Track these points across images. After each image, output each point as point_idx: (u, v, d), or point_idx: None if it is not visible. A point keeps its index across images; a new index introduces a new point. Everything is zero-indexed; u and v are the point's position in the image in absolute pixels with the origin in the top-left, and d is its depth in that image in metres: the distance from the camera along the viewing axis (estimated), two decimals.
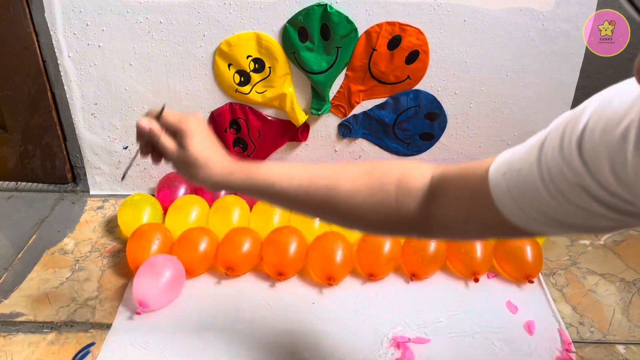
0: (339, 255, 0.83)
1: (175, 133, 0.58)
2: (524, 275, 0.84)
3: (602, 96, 0.37)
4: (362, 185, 0.51)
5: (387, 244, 0.84)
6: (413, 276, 0.85)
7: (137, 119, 1.01)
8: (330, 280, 0.83)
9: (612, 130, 0.34)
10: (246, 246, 0.85)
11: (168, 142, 0.58)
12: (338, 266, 0.83)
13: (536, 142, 0.40)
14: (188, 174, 0.59)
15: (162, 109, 0.59)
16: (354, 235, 0.90)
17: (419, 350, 0.73)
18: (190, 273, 0.85)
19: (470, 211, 0.45)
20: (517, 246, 0.85)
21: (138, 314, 0.77)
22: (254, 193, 0.57)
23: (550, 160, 0.38)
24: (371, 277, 0.84)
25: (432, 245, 0.84)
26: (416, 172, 0.50)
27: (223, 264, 0.84)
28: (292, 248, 0.84)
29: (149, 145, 0.60)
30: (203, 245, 0.85)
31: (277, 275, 0.84)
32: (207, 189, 0.60)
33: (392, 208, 0.50)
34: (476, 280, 0.83)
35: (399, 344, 0.74)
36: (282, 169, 0.56)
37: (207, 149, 0.58)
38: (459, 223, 0.47)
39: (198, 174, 0.58)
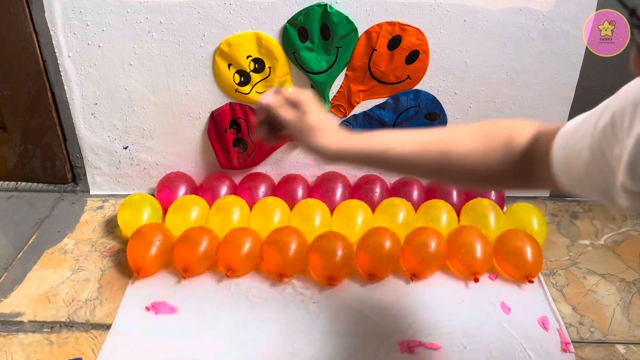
0: (339, 256, 0.83)
1: (294, 106, 0.63)
2: (524, 275, 0.84)
3: None
4: (473, 147, 0.54)
5: (387, 244, 0.84)
6: (413, 276, 0.85)
7: (137, 119, 1.01)
8: (330, 280, 0.83)
9: None
10: (246, 247, 0.85)
11: (289, 113, 0.63)
12: (338, 266, 0.83)
13: (596, 112, 0.44)
14: (307, 142, 0.62)
15: (280, 86, 0.66)
16: (353, 236, 0.90)
17: (428, 354, 0.73)
18: (191, 272, 0.85)
19: (548, 173, 0.48)
20: (518, 246, 0.85)
21: (147, 309, 0.78)
22: (368, 161, 0.60)
23: (602, 141, 0.40)
24: (371, 277, 0.84)
25: (432, 245, 0.84)
26: (521, 130, 0.53)
27: (223, 265, 0.84)
28: (293, 248, 0.84)
29: (267, 123, 0.65)
30: (204, 245, 0.85)
31: (277, 277, 0.84)
32: (323, 158, 0.62)
33: (501, 166, 0.53)
34: (476, 280, 0.83)
35: (411, 348, 0.74)
36: (395, 136, 0.58)
37: (325, 118, 0.62)
38: (548, 181, 0.49)
39: (318, 141, 0.61)
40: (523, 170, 0.52)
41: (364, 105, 0.99)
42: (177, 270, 0.86)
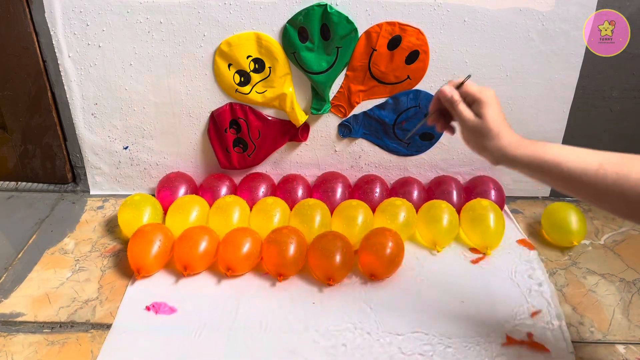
0: (338, 256, 0.83)
1: (473, 103, 0.63)
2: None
3: None
4: None
5: (390, 245, 0.84)
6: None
7: (137, 119, 1.01)
8: (330, 280, 0.83)
9: None
10: (246, 247, 0.85)
11: (465, 110, 0.63)
12: (338, 266, 0.83)
13: None
14: (477, 143, 0.63)
15: (466, 78, 0.65)
16: (354, 237, 0.90)
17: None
18: (191, 270, 0.85)
19: None
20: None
21: (147, 309, 0.79)
22: (537, 171, 0.59)
23: None
24: (372, 277, 0.84)
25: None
26: None
27: (223, 265, 0.85)
28: (292, 248, 0.84)
29: (441, 112, 0.66)
30: (203, 244, 0.85)
31: (276, 276, 0.84)
32: (491, 160, 0.63)
33: None
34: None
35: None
36: (571, 150, 0.57)
37: (501, 121, 0.62)
38: None
39: (488, 143, 0.61)
40: None
41: (364, 105, 0.99)
42: (177, 269, 0.86)
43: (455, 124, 0.70)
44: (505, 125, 0.62)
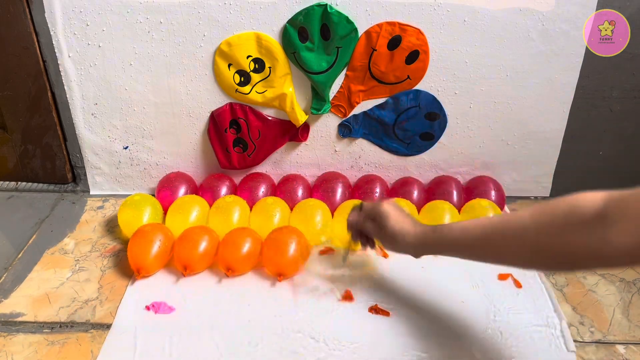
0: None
1: (374, 218, 0.73)
2: None
3: None
4: (530, 224, 0.55)
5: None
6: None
7: (137, 119, 1.01)
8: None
9: None
10: (246, 247, 0.85)
11: (370, 226, 0.74)
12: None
13: None
14: (392, 247, 0.72)
15: (361, 203, 0.77)
16: None
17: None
18: (191, 270, 0.85)
19: None
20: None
21: (147, 309, 0.79)
22: (442, 252, 0.67)
23: None
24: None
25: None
26: (585, 199, 0.51)
27: (223, 265, 0.85)
28: (292, 248, 0.84)
29: (359, 233, 0.77)
30: (204, 244, 0.85)
31: (276, 275, 0.84)
32: (413, 256, 0.71)
33: (567, 239, 0.51)
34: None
35: None
36: (459, 226, 0.64)
37: (401, 225, 0.70)
38: (632, 247, 0.46)
39: (399, 246, 0.70)
40: (596, 240, 0.48)
41: (364, 105, 0.99)
42: (177, 269, 0.86)
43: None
44: (407, 225, 0.70)
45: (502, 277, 0.86)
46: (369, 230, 0.74)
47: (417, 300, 0.82)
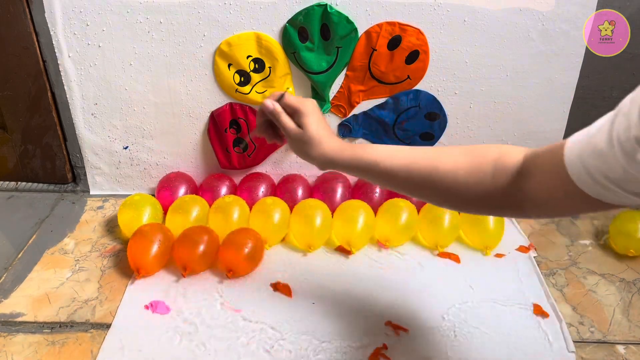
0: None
1: (294, 113, 0.67)
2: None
3: None
4: (461, 165, 0.55)
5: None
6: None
7: (137, 119, 1.01)
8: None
9: None
10: (248, 247, 0.85)
11: (288, 121, 0.67)
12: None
13: (609, 114, 0.43)
14: (302, 151, 0.66)
15: (284, 93, 0.68)
16: (354, 237, 0.90)
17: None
18: (190, 270, 0.85)
19: (555, 187, 0.47)
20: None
21: (146, 308, 0.79)
22: (359, 171, 0.63)
23: (620, 124, 0.40)
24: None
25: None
26: (511, 151, 0.53)
27: (224, 266, 0.85)
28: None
29: (267, 124, 0.70)
30: (203, 245, 0.85)
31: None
32: (317, 166, 0.67)
33: (489, 185, 0.53)
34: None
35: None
36: (387, 149, 0.61)
37: (322, 129, 0.65)
38: (551, 201, 0.49)
39: (312, 151, 0.65)
40: (512, 188, 0.52)
41: (364, 105, 0.99)
42: (178, 269, 0.86)
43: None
44: (327, 133, 0.66)
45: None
46: (284, 124, 0.67)
47: (416, 303, 0.82)
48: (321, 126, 0.66)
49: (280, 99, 0.68)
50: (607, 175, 0.41)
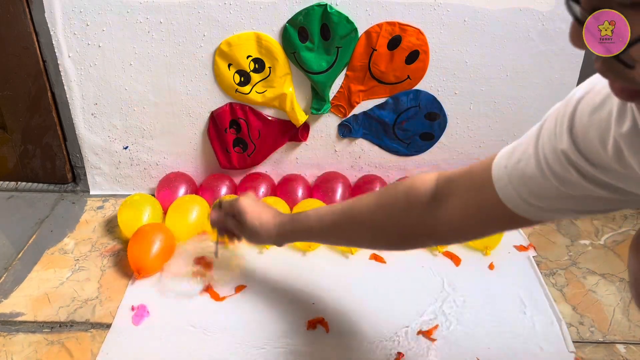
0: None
1: (234, 215, 0.73)
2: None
3: (588, 82, 0.41)
4: (375, 208, 0.57)
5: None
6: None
7: (137, 119, 1.01)
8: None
9: (599, 112, 0.37)
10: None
11: (232, 223, 0.74)
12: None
13: (532, 132, 0.44)
14: (254, 240, 0.73)
15: (220, 201, 0.76)
16: None
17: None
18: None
19: (476, 207, 0.48)
20: None
21: (132, 309, 0.79)
22: (302, 239, 0.71)
23: (547, 146, 0.41)
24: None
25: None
26: (421, 180, 0.54)
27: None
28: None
29: (223, 229, 0.76)
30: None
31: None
32: (276, 245, 0.72)
33: (406, 219, 0.55)
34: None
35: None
36: (315, 213, 0.65)
37: (258, 219, 0.70)
38: (467, 221, 0.50)
39: (260, 239, 0.72)
40: (427, 215, 0.52)
41: (364, 105, 0.99)
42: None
43: None
44: (265, 219, 0.70)
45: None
46: (231, 226, 0.74)
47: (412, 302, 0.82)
48: (256, 217, 0.70)
49: (220, 207, 0.76)
50: (540, 196, 0.42)
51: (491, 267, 0.89)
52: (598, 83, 0.39)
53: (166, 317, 0.79)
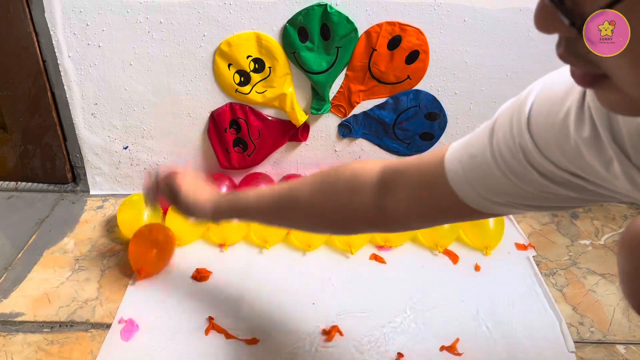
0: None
1: (167, 184, 0.72)
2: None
3: (545, 80, 0.40)
4: (316, 192, 0.56)
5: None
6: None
7: (137, 119, 1.01)
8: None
9: (556, 113, 0.37)
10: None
11: (166, 195, 0.73)
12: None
13: (486, 128, 0.43)
14: (189, 215, 0.71)
15: (156, 173, 0.75)
16: (356, 237, 0.90)
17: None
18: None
19: (426, 199, 0.48)
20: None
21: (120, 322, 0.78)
22: (239, 216, 0.67)
23: (502, 142, 0.40)
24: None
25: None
26: (365, 168, 0.53)
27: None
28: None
29: (156, 196, 0.76)
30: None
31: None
32: (211, 221, 0.71)
33: (347, 206, 0.54)
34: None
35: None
36: (255, 192, 0.64)
37: (193, 196, 0.69)
38: (414, 212, 0.49)
39: (195, 213, 0.70)
40: (372, 206, 0.52)
41: (364, 105, 0.99)
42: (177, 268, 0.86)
43: None
44: (200, 194, 0.69)
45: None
46: (165, 198, 0.73)
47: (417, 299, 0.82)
48: (191, 192, 0.69)
49: (151, 178, 0.75)
50: (497, 192, 0.42)
51: (490, 266, 0.89)
52: (555, 82, 0.38)
53: (167, 319, 0.79)
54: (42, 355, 0.73)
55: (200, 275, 0.86)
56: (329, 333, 0.75)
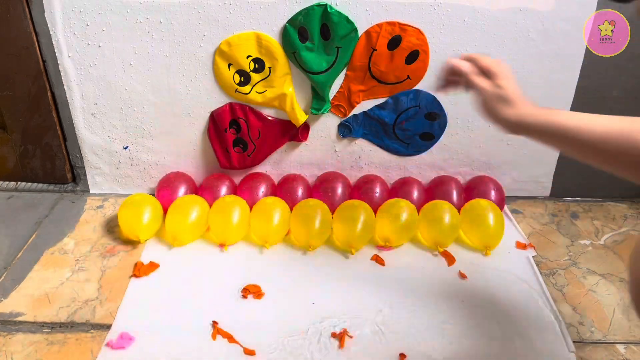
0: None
1: (488, 75, 0.65)
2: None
3: None
4: None
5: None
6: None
7: (137, 119, 1.01)
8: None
9: None
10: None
11: (482, 81, 0.65)
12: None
13: None
14: (493, 111, 0.64)
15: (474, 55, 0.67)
16: (354, 237, 0.90)
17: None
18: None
19: None
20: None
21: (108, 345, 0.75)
22: (549, 137, 0.60)
23: None
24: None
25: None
26: None
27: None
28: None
29: (449, 80, 0.70)
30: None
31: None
32: (505, 128, 0.64)
33: None
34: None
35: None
36: (581, 117, 0.57)
37: (518, 91, 0.63)
38: None
39: (505, 110, 0.63)
40: None
41: (364, 105, 0.99)
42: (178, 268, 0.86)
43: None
44: (521, 95, 0.64)
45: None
46: (477, 85, 0.65)
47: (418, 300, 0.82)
48: (517, 89, 0.63)
49: (472, 61, 0.67)
50: None
51: (490, 266, 0.89)
52: None
53: (167, 319, 0.79)
54: (42, 355, 0.73)
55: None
56: (341, 338, 0.75)
